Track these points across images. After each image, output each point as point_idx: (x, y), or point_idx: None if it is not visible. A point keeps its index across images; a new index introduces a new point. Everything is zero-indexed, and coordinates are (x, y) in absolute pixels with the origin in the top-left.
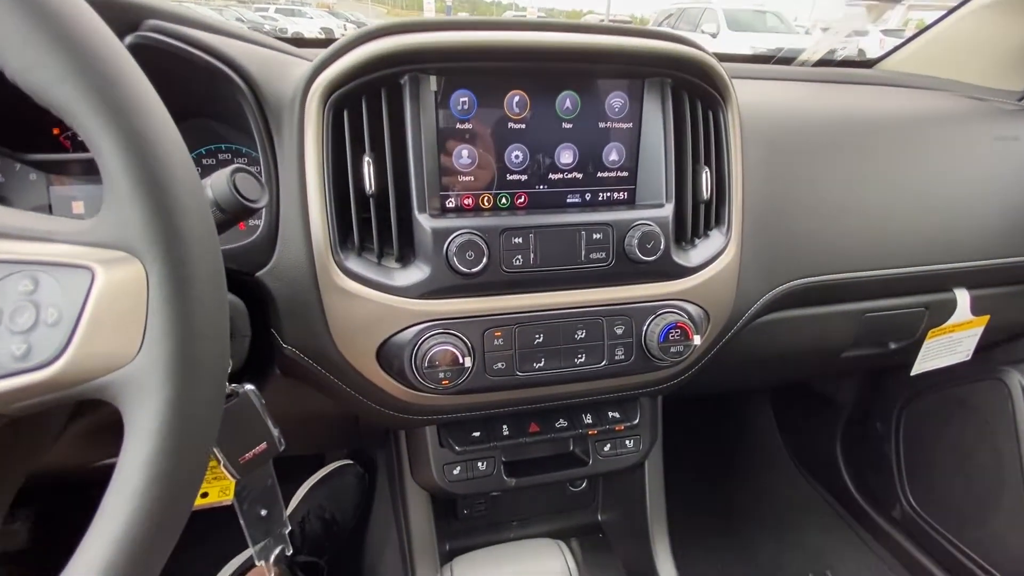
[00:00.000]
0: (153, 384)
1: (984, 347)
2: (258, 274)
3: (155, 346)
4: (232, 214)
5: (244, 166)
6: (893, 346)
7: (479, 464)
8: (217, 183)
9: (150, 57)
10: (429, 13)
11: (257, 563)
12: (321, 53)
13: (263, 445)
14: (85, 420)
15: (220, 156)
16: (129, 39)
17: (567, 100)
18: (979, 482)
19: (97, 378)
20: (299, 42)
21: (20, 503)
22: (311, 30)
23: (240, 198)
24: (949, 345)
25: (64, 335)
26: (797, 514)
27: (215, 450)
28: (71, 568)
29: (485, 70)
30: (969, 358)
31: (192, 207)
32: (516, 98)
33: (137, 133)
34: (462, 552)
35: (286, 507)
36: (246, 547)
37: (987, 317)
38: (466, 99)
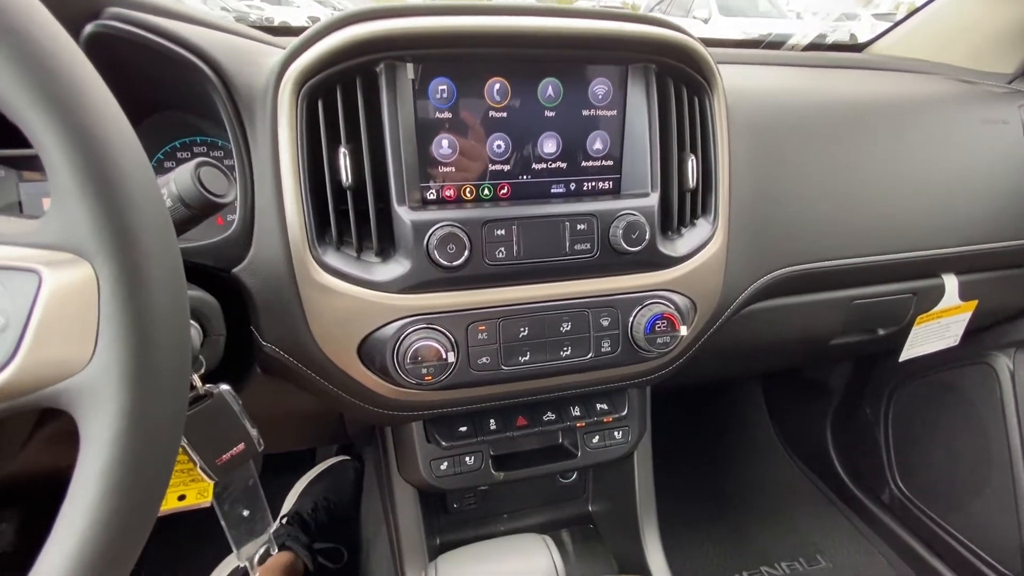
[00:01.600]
0: (107, 392)
1: (972, 332)
2: (234, 270)
3: (108, 352)
4: (198, 210)
5: (209, 159)
6: (882, 332)
7: (467, 459)
8: (181, 178)
9: (113, 47)
10: None
11: (240, 564)
12: (294, 41)
13: (241, 446)
14: (53, 425)
15: (196, 149)
16: (89, 28)
17: (549, 87)
18: (967, 465)
19: (49, 386)
20: (274, 30)
21: (5, 504)
22: (298, 19)
23: (205, 193)
24: (937, 330)
25: (12, 342)
26: (787, 500)
27: (191, 452)
28: None
29: (464, 57)
30: (957, 343)
31: (144, 205)
32: (497, 86)
33: (82, 127)
34: (453, 546)
35: (284, 502)
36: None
37: (975, 302)
38: (445, 87)
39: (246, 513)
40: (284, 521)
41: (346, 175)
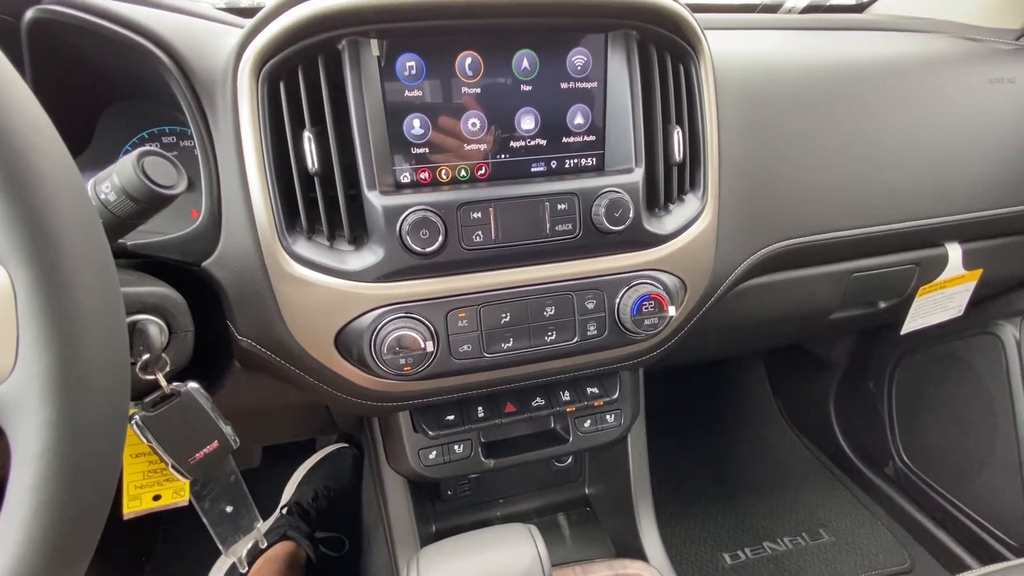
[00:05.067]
0: (32, 404)
1: (977, 301)
2: (204, 264)
3: (29, 361)
4: (146, 202)
5: (153, 148)
6: (883, 305)
7: (455, 447)
8: (123, 169)
9: (59, 34)
10: None
11: (230, 560)
12: (251, 19)
13: (214, 444)
14: None
15: (164, 139)
16: (30, 14)
17: (524, 60)
18: (972, 436)
19: None
20: (237, 11)
21: None
22: None
23: (151, 184)
24: (941, 301)
25: None
26: (790, 475)
27: (160, 452)
28: None
29: (431, 30)
30: (961, 313)
31: (61, 199)
32: (468, 60)
33: None
34: (448, 533)
35: (284, 491)
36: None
37: (980, 271)
38: (413, 63)
39: (229, 509)
40: (284, 511)
41: (312, 160)
